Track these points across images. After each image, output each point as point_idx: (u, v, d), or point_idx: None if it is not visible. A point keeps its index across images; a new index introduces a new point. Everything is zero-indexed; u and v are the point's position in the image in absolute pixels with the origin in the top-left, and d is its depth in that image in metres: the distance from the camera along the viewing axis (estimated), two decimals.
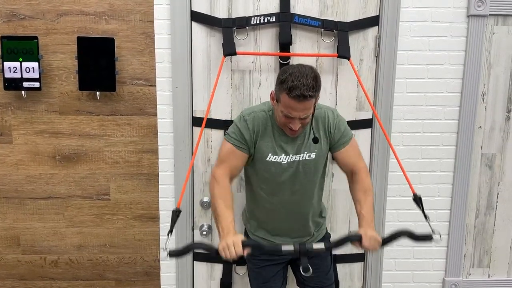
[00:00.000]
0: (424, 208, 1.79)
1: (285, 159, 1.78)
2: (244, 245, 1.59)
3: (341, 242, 1.71)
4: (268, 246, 1.76)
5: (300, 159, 1.79)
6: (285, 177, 1.80)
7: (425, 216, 1.81)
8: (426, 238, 1.74)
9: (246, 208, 2.02)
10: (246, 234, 2.05)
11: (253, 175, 1.86)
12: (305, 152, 1.79)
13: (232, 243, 1.57)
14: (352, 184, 1.87)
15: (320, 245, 1.67)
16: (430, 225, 1.75)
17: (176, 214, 1.75)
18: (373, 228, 1.74)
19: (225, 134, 1.87)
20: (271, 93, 1.72)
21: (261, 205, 1.90)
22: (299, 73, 1.59)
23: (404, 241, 2.28)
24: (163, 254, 1.61)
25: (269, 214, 1.89)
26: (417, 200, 1.85)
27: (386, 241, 1.74)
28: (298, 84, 1.57)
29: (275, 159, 1.78)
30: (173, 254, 1.65)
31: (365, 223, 1.74)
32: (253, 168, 1.84)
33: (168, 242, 1.64)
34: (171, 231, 1.70)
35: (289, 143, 1.78)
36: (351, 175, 1.87)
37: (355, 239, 1.70)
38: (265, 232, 1.94)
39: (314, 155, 1.79)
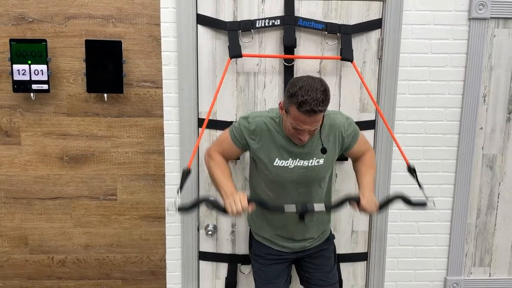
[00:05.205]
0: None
1: (292, 163, 1.79)
2: (249, 200, 1.69)
3: (340, 203, 1.79)
4: (272, 205, 1.78)
5: (309, 164, 1.80)
6: (291, 181, 1.81)
7: (419, 185, 1.89)
8: (420, 204, 1.82)
9: None
10: (250, 234, 2.08)
11: (259, 178, 1.89)
12: (314, 158, 1.80)
13: (238, 198, 1.68)
14: (357, 161, 1.95)
15: (321, 206, 1.76)
16: (424, 193, 1.85)
17: (186, 174, 1.84)
18: (372, 193, 1.81)
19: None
20: (280, 103, 1.73)
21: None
22: (309, 86, 1.58)
23: (407, 241, 2.34)
24: (172, 209, 1.75)
25: (274, 216, 1.90)
26: (411, 170, 1.93)
27: (383, 204, 1.82)
28: (308, 98, 1.56)
29: (282, 163, 1.79)
30: (182, 209, 1.75)
31: (364, 189, 1.82)
32: (259, 171, 1.86)
33: (177, 199, 1.79)
34: (180, 188, 1.82)
35: (298, 149, 1.78)
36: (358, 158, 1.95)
37: (353, 199, 1.77)
38: (270, 234, 1.96)
39: (322, 161, 1.81)
